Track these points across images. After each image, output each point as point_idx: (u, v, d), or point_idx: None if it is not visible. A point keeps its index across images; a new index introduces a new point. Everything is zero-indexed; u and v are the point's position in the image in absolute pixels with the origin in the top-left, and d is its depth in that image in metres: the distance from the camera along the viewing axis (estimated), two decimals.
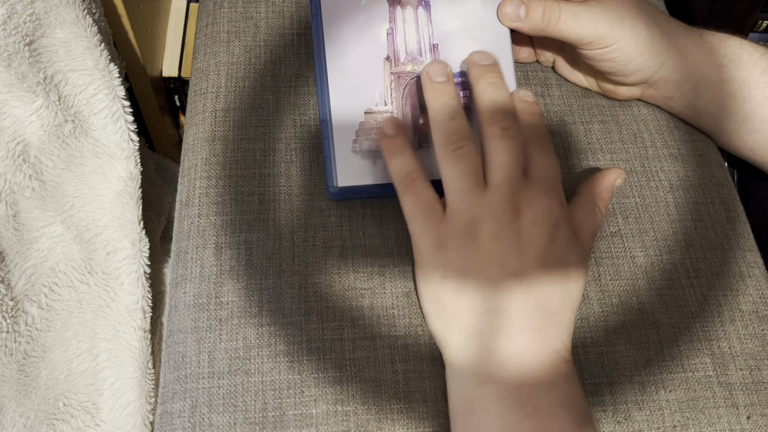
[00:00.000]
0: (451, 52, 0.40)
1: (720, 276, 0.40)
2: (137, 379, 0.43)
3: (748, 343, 0.38)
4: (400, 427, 0.34)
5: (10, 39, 0.38)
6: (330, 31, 0.40)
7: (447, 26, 0.40)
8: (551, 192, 0.35)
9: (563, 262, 0.34)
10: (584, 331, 0.37)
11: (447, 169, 0.34)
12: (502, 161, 0.34)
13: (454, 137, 0.35)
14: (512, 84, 0.40)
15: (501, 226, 0.33)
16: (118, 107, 0.44)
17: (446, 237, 0.34)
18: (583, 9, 0.38)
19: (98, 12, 0.46)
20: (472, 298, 0.33)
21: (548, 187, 0.35)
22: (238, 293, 0.37)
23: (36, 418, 0.41)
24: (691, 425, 0.35)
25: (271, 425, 0.34)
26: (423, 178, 0.35)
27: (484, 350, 0.32)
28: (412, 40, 0.40)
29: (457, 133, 0.35)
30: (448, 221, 0.34)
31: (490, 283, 0.33)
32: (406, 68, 0.39)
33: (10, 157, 0.41)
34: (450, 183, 0.34)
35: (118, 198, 0.44)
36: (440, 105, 0.36)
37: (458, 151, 0.34)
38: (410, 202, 0.35)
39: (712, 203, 0.42)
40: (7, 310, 0.41)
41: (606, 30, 0.38)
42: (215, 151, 0.41)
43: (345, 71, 0.39)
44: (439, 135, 0.35)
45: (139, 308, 0.44)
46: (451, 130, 0.35)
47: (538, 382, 0.31)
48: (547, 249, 0.33)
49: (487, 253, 0.33)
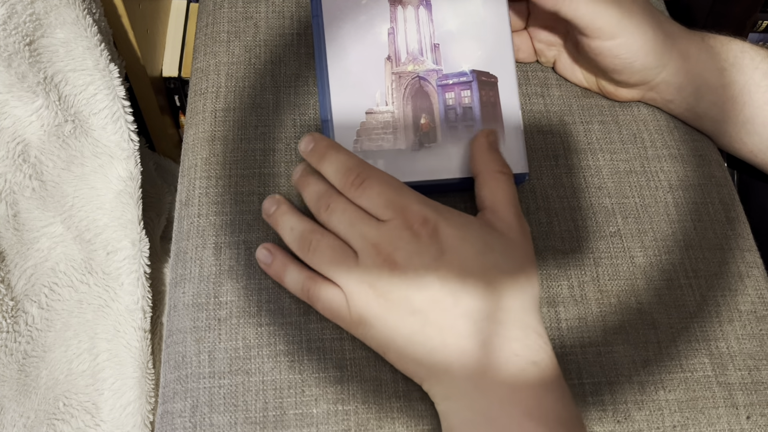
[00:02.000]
0: (451, 52, 0.40)
1: (719, 276, 0.40)
2: (137, 379, 0.43)
3: (747, 343, 0.38)
4: (400, 425, 0.34)
5: (10, 39, 0.38)
6: (331, 31, 0.40)
7: (448, 26, 0.40)
8: (406, 217, 0.33)
9: (466, 257, 0.33)
10: (582, 331, 0.37)
11: (313, 261, 0.35)
12: (343, 229, 0.34)
13: (305, 240, 0.35)
14: (513, 84, 0.40)
15: (387, 284, 0.32)
16: (118, 107, 0.44)
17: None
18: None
19: (98, 12, 0.46)
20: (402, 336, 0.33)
21: (399, 217, 0.33)
22: (237, 293, 0.37)
23: (36, 418, 0.41)
24: (690, 425, 0.35)
25: (272, 425, 0.34)
26: (320, 279, 0.35)
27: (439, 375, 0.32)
28: (413, 40, 0.40)
29: (305, 234, 0.35)
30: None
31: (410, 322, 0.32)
32: (407, 68, 0.39)
33: (10, 157, 0.41)
34: (324, 268, 0.35)
35: (118, 198, 0.44)
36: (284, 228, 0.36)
37: (313, 246, 0.35)
38: (322, 308, 0.35)
39: (712, 203, 0.42)
40: (7, 310, 0.41)
41: (617, 20, 0.38)
42: (215, 151, 0.41)
43: (346, 71, 0.39)
44: (295, 245, 0.36)
45: (139, 308, 0.44)
46: (297, 234, 0.35)
47: (499, 396, 0.31)
48: (442, 263, 0.32)
49: (396, 308, 0.33)
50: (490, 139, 0.38)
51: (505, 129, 0.39)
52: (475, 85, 0.40)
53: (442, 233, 0.33)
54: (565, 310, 0.38)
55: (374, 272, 0.33)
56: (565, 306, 0.38)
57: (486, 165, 0.37)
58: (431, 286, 0.32)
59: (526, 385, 0.31)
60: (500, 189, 0.36)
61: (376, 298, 0.33)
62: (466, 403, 0.31)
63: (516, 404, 0.30)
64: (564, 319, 0.38)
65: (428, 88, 0.39)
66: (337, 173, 0.35)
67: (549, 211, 0.41)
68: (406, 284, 0.32)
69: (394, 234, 0.33)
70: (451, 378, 0.32)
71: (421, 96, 0.39)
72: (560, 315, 0.38)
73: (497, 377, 0.31)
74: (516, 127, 0.39)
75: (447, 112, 0.39)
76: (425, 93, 0.39)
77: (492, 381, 0.31)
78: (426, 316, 0.32)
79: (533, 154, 0.43)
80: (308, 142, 0.37)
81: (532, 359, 0.31)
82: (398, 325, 0.33)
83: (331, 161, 0.35)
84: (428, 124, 0.39)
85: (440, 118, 0.39)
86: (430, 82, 0.39)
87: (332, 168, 0.35)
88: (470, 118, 0.39)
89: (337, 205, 0.34)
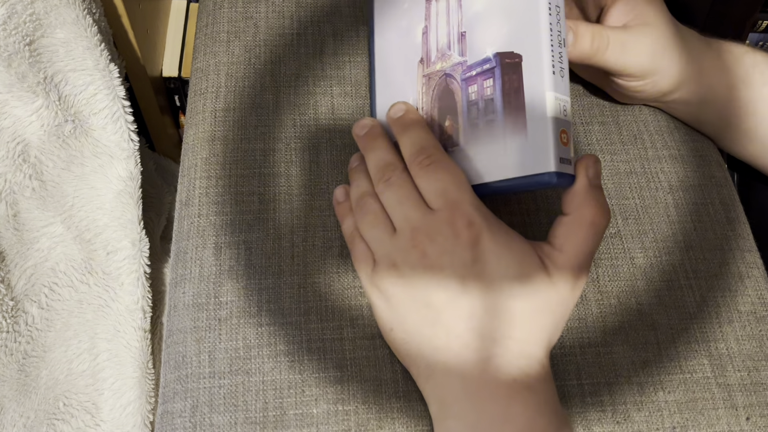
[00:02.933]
0: (477, 37, 0.36)
1: (719, 277, 0.40)
2: (137, 379, 0.43)
3: (746, 344, 0.38)
4: (400, 425, 0.34)
5: (10, 39, 0.38)
6: (378, 36, 0.41)
7: (476, 7, 0.36)
8: (453, 214, 0.32)
9: (496, 276, 0.32)
10: (582, 332, 0.37)
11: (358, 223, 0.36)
12: (391, 205, 0.34)
13: (360, 200, 0.37)
14: (541, 62, 0.32)
15: (411, 270, 0.33)
16: (118, 107, 0.44)
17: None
18: (630, 38, 0.37)
19: (98, 12, 0.46)
20: (416, 345, 0.33)
21: (448, 211, 0.32)
22: (237, 293, 0.37)
23: (36, 417, 0.41)
24: (690, 426, 0.35)
25: (272, 425, 0.34)
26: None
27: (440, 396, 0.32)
28: (443, 34, 0.38)
29: (360, 197, 0.37)
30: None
31: (423, 326, 0.33)
32: (436, 67, 0.38)
33: (10, 157, 0.41)
34: (363, 229, 0.36)
35: (118, 198, 0.44)
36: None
37: (362, 209, 0.36)
38: (353, 257, 0.37)
39: (712, 204, 0.42)
40: (7, 310, 0.41)
41: (650, 63, 0.38)
42: (215, 151, 0.41)
43: (387, 77, 0.40)
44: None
45: (139, 308, 0.44)
46: (357, 194, 0.37)
47: (490, 413, 0.31)
48: (470, 272, 0.32)
49: (413, 294, 0.33)
50: (589, 173, 0.32)
51: (527, 118, 0.32)
52: (498, 71, 0.34)
53: (482, 243, 0.32)
54: None
55: (403, 254, 0.33)
56: None
57: (578, 206, 0.32)
58: (452, 288, 0.32)
59: (519, 408, 0.30)
60: (580, 238, 0.32)
61: (399, 278, 0.33)
62: (458, 411, 0.31)
63: (506, 423, 0.30)
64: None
65: (453, 86, 0.37)
66: (413, 146, 0.35)
67: (549, 211, 0.41)
68: (429, 277, 0.32)
69: (435, 226, 0.32)
70: (446, 381, 0.32)
71: (446, 95, 0.37)
72: None
73: (491, 396, 0.31)
74: (541, 115, 0.32)
75: (470, 109, 0.36)
76: (450, 91, 0.37)
77: (486, 398, 0.31)
78: (439, 314, 0.32)
79: None
80: (399, 110, 0.37)
81: (529, 385, 0.31)
82: (410, 310, 0.33)
83: (411, 134, 0.36)
84: (451, 125, 0.37)
85: (463, 117, 0.36)
86: (456, 78, 0.37)
87: (410, 140, 0.36)
88: (492, 111, 0.35)
89: (395, 180, 0.35)
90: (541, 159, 0.32)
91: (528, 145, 0.32)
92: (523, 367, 0.31)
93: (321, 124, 0.42)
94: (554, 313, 0.32)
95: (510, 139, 0.33)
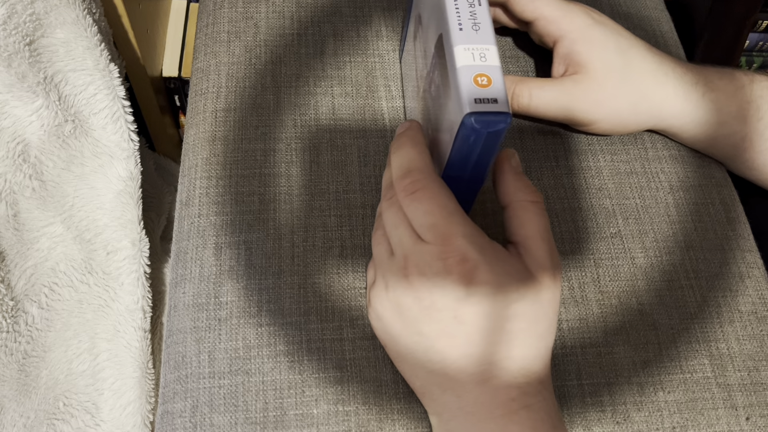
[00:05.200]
0: (428, 48, 0.35)
1: (719, 277, 0.40)
2: (137, 379, 0.43)
3: (747, 344, 0.38)
4: (401, 426, 0.34)
5: (10, 39, 0.38)
6: (407, 43, 0.41)
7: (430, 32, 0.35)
8: (445, 249, 0.31)
9: (495, 306, 0.31)
10: (583, 332, 0.37)
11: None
12: (388, 226, 0.33)
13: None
14: (454, 27, 0.31)
15: (402, 297, 0.32)
16: (118, 107, 0.44)
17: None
18: (560, 92, 0.40)
19: (98, 12, 0.46)
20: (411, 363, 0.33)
21: (439, 245, 0.31)
22: (237, 293, 0.37)
23: (36, 417, 0.41)
24: (690, 426, 0.35)
25: (272, 425, 0.34)
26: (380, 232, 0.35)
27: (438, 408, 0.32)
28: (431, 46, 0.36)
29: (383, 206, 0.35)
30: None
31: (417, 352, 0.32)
32: (423, 87, 0.37)
33: (10, 157, 0.41)
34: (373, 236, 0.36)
35: (118, 198, 0.44)
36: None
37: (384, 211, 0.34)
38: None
39: (712, 204, 0.42)
40: (7, 310, 0.41)
41: (586, 114, 0.40)
42: (215, 151, 0.41)
43: (414, 86, 0.40)
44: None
45: (139, 308, 0.44)
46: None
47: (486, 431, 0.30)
48: (464, 305, 0.30)
49: (404, 321, 0.32)
50: (512, 162, 0.34)
51: (451, 85, 0.30)
52: (435, 58, 0.33)
53: (478, 278, 0.30)
54: (566, 310, 0.38)
55: (395, 279, 0.32)
56: (565, 307, 0.38)
57: (514, 194, 0.33)
58: (445, 322, 0.31)
59: (516, 428, 0.30)
60: (531, 221, 0.33)
61: (389, 302, 0.32)
62: (455, 427, 0.31)
63: None
64: (564, 320, 0.38)
65: (428, 101, 0.36)
66: (397, 170, 0.33)
67: (549, 212, 0.41)
68: (418, 309, 0.31)
69: (426, 259, 0.31)
70: (442, 399, 0.31)
71: (426, 114, 0.37)
72: (561, 316, 0.38)
73: (489, 416, 0.30)
74: (453, 70, 0.30)
75: (435, 109, 0.34)
76: (428, 108, 0.36)
77: (484, 418, 0.30)
78: (432, 343, 0.31)
79: (533, 155, 0.43)
80: (401, 127, 0.35)
81: (527, 404, 0.31)
82: (402, 335, 0.32)
83: (399, 155, 0.34)
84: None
85: (433, 123, 0.35)
86: (428, 91, 0.36)
87: (398, 161, 0.33)
88: (440, 96, 0.33)
89: (395, 201, 0.33)
90: (458, 110, 0.29)
91: (453, 107, 0.30)
92: (522, 385, 0.31)
93: (321, 125, 0.42)
94: (548, 313, 0.32)
95: (451, 112, 0.31)
